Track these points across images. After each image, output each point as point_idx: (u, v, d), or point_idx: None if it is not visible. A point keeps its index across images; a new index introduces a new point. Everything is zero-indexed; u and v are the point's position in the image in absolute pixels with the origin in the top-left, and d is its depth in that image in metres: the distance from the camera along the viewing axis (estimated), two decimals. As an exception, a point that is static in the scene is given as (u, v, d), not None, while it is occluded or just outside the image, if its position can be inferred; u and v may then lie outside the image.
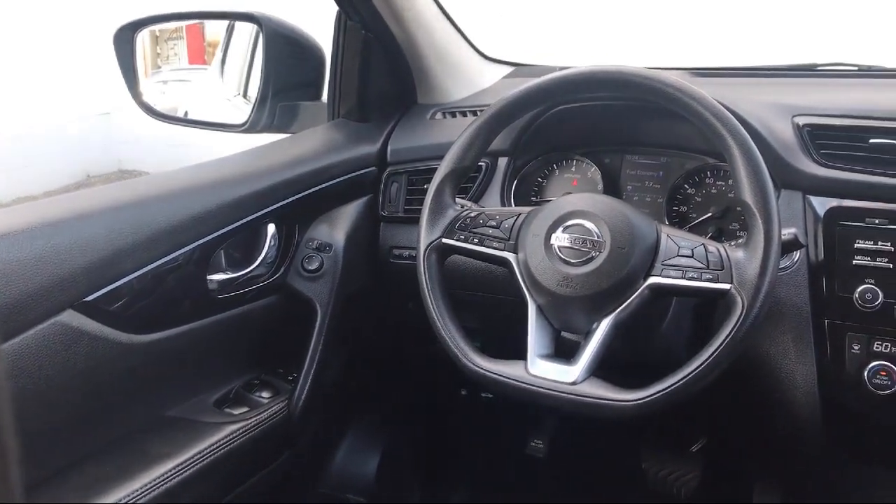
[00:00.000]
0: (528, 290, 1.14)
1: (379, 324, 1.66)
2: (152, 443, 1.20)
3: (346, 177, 1.49)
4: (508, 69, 1.79)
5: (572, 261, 1.09)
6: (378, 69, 1.59)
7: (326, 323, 1.43)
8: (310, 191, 1.42)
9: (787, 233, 1.08)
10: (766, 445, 1.57)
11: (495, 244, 1.17)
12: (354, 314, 1.51)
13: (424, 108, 1.64)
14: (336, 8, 1.56)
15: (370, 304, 1.57)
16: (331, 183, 1.46)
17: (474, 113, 1.55)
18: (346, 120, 1.63)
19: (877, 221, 1.18)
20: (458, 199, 1.26)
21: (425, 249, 1.20)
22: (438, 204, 1.21)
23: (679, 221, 1.40)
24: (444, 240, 1.19)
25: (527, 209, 1.20)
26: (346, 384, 1.59)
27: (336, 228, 1.47)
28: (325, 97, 1.69)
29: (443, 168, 1.22)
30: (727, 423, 1.64)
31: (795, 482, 1.54)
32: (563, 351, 1.13)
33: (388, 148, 1.55)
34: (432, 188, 1.22)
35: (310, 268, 1.43)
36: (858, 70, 1.57)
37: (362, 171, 1.52)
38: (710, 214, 1.36)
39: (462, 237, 1.19)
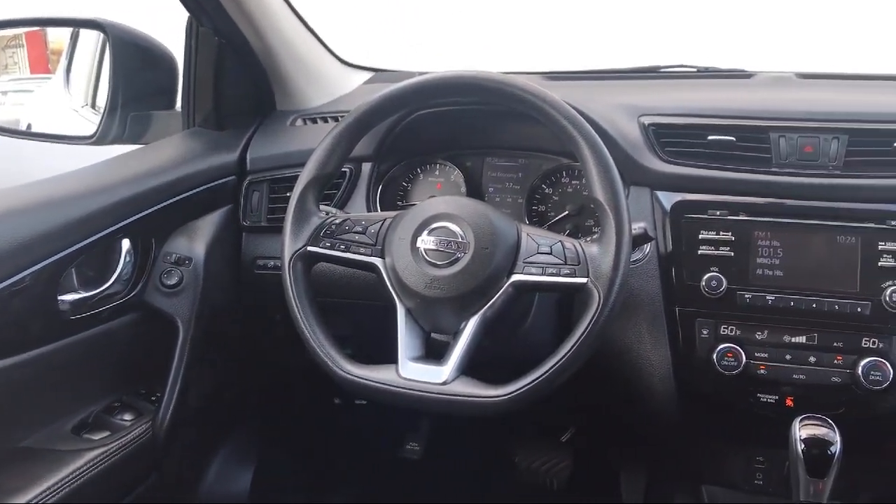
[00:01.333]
0: (396, 293, 1.14)
1: (247, 336, 1.62)
2: (3, 478, 1.12)
3: (203, 187, 1.45)
4: (368, 75, 1.79)
5: (438, 263, 1.11)
6: (233, 76, 1.56)
7: (190, 339, 1.39)
8: (165, 203, 1.37)
9: (637, 227, 1.14)
10: (630, 431, 1.64)
11: (362, 250, 1.17)
12: (220, 328, 1.47)
13: (284, 114, 1.62)
14: (187, 13, 1.51)
15: (236, 317, 1.53)
16: (188, 194, 1.42)
17: (335, 119, 1.54)
18: (201, 129, 1.58)
19: (718, 213, 1.27)
20: (322, 206, 1.25)
21: (290, 258, 1.18)
22: (302, 212, 1.20)
23: (539, 220, 1.44)
24: (310, 248, 1.18)
25: (392, 214, 1.20)
26: (215, 400, 1.54)
27: (195, 241, 1.42)
28: (178, 105, 1.64)
29: (305, 175, 1.21)
30: (593, 412, 1.71)
31: (658, 464, 1.62)
32: (434, 352, 1.15)
33: (248, 156, 1.52)
34: (295, 196, 1.20)
35: (169, 283, 1.38)
36: (698, 71, 1.67)
37: (221, 181, 1.48)
38: (567, 213, 1.42)
39: (328, 244, 1.18)
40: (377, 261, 1.16)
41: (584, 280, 1.08)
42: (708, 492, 1.43)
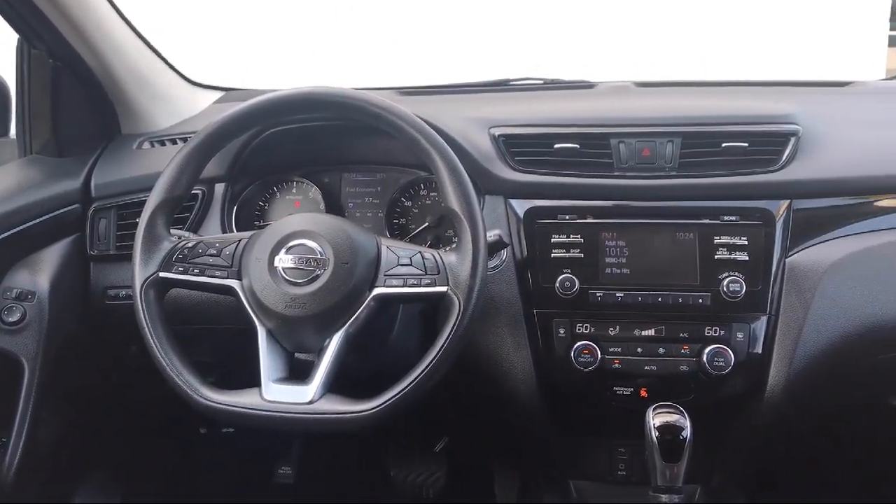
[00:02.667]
0: (255, 315, 1.12)
1: (101, 371, 1.54)
2: None
3: (44, 217, 1.37)
4: (218, 94, 1.75)
5: (298, 281, 1.10)
6: (72, 99, 1.48)
7: (37, 378, 1.31)
8: (2, 235, 1.29)
9: (493, 234, 1.18)
10: (500, 434, 1.68)
11: (217, 273, 1.15)
12: (70, 365, 1.39)
13: (129, 138, 1.56)
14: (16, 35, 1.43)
15: (88, 351, 1.45)
16: (27, 225, 1.34)
17: (184, 140, 1.50)
18: (40, 156, 1.50)
19: (567, 217, 1.32)
20: (173, 231, 1.21)
21: (141, 286, 1.13)
22: (151, 237, 1.16)
23: (400, 233, 1.46)
24: (162, 274, 1.14)
25: (247, 234, 1.18)
26: (69, 441, 1.46)
27: (38, 274, 1.35)
28: (13, 132, 1.54)
29: (153, 199, 1.17)
30: (463, 419, 1.73)
31: (529, 464, 1.66)
32: (299, 372, 1.13)
33: (92, 182, 1.45)
34: (143, 221, 1.16)
35: (10, 320, 1.30)
36: (544, 83, 1.74)
37: (64, 210, 1.41)
38: (427, 224, 1.44)
39: (181, 269, 1.14)
40: (234, 283, 1.14)
41: (444, 289, 1.10)
42: (576, 487, 1.48)
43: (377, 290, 1.11)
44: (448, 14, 4.33)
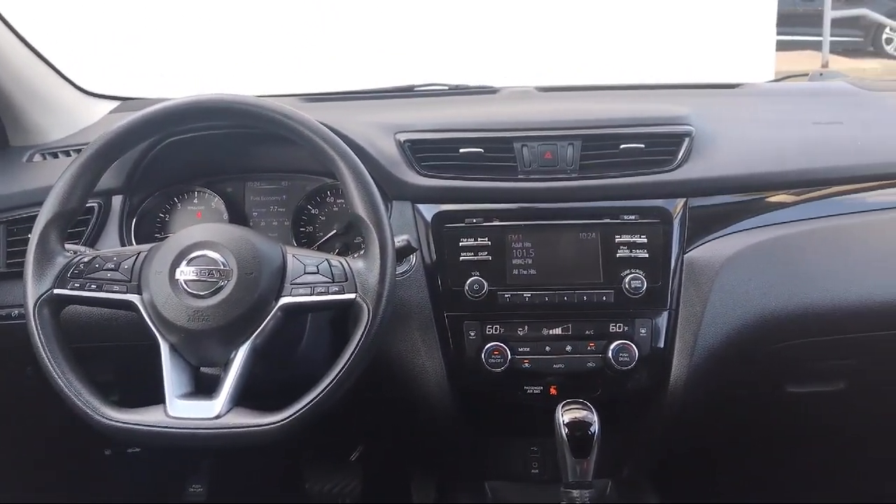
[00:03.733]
0: (157, 330, 1.09)
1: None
2: None
3: None
4: (114, 104, 1.70)
5: (201, 293, 1.07)
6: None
7: None
8: None
9: (401, 240, 1.18)
10: (415, 439, 1.68)
11: (116, 288, 1.11)
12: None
13: (19, 150, 1.49)
14: None
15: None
16: None
17: (77, 151, 1.44)
18: (-81, 172, 1.42)
19: (475, 221, 1.34)
20: (69, 246, 1.16)
21: (35, 304, 1.09)
22: (44, 252, 1.11)
23: (308, 241, 1.44)
24: (56, 290, 1.10)
25: (147, 247, 1.15)
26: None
27: None
28: None
29: (44, 213, 1.12)
30: (378, 426, 1.73)
31: (444, 468, 1.67)
32: (205, 387, 1.11)
33: None
34: (35, 236, 1.11)
35: None
36: (449, 89, 1.76)
37: None
38: (335, 231, 1.43)
39: (77, 285, 1.10)
40: (134, 297, 1.10)
41: (352, 296, 1.09)
42: (491, 487, 1.50)
43: (284, 300, 1.10)
44: (357, 20, 4.32)
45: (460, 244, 1.33)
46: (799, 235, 1.37)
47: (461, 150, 1.36)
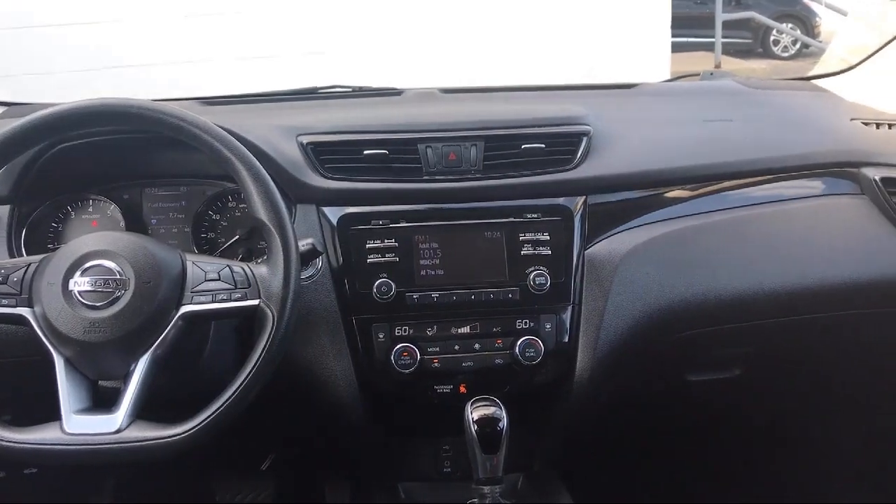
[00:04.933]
0: (51, 344, 1.05)
1: None
2: None
3: None
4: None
5: (97, 304, 1.04)
6: None
7: None
8: None
9: (305, 243, 1.16)
10: (327, 444, 1.67)
11: (5, 301, 1.06)
12: None
13: None
14: None
15: None
16: None
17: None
18: None
19: (381, 223, 1.33)
20: None
21: None
22: None
23: (210, 248, 1.41)
24: None
25: (37, 258, 1.10)
26: None
27: None
28: None
29: None
30: (289, 434, 1.71)
31: (358, 471, 1.66)
32: (104, 400, 1.07)
33: None
34: None
35: None
36: (353, 91, 1.75)
37: None
38: (237, 237, 1.40)
39: None
40: (24, 311, 1.06)
41: (255, 302, 1.08)
42: (404, 488, 1.50)
43: (185, 309, 1.07)
44: (261, 21, 4.26)
45: (367, 246, 1.32)
46: (693, 229, 1.42)
47: (365, 152, 1.36)
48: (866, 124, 1.60)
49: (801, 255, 1.44)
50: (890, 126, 1.60)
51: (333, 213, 1.34)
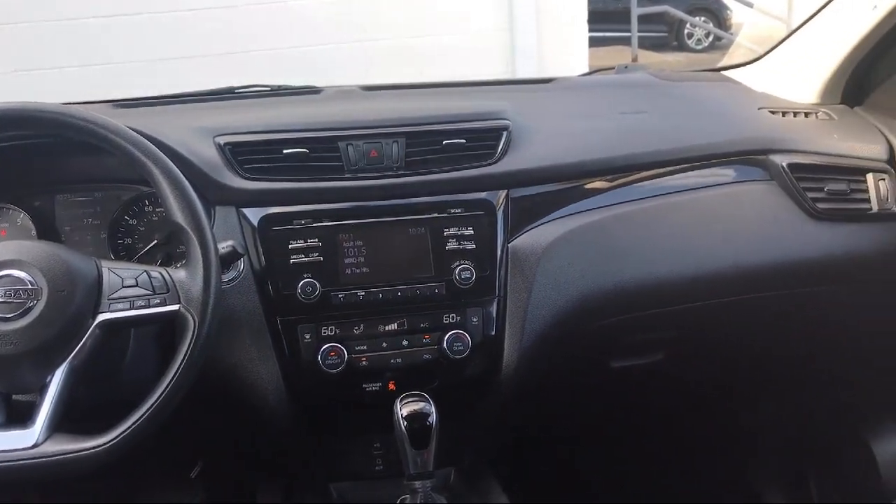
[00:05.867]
0: None
1: None
2: None
3: None
4: None
5: (7, 315, 1.00)
6: None
7: None
8: None
9: (225, 246, 1.15)
10: (257, 449, 1.65)
11: None
12: None
13: None
14: None
15: None
16: None
17: None
18: None
19: (304, 222, 1.32)
20: None
21: None
22: None
23: (127, 254, 1.38)
24: None
25: None
26: None
27: None
28: None
29: None
30: (218, 440, 1.68)
31: (289, 473, 1.64)
32: (19, 415, 1.03)
33: None
34: None
35: None
36: (271, 90, 1.72)
37: None
38: (156, 242, 1.37)
39: None
40: None
41: (175, 307, 1.06)
42: (336, 489, 1.49)
43: (102, 317, 1.05)
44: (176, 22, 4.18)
45: (290, 246, 1.31)
46: (613, 219, 1.46)
47: (285, 151, 1.34)
48: (773, 113, 1.66)
49: (715, 240, 1.49)
50: (795, 114, 1.67)
51: (254, 214, 1.32)
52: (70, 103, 1.19)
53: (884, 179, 1.53)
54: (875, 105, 1.68)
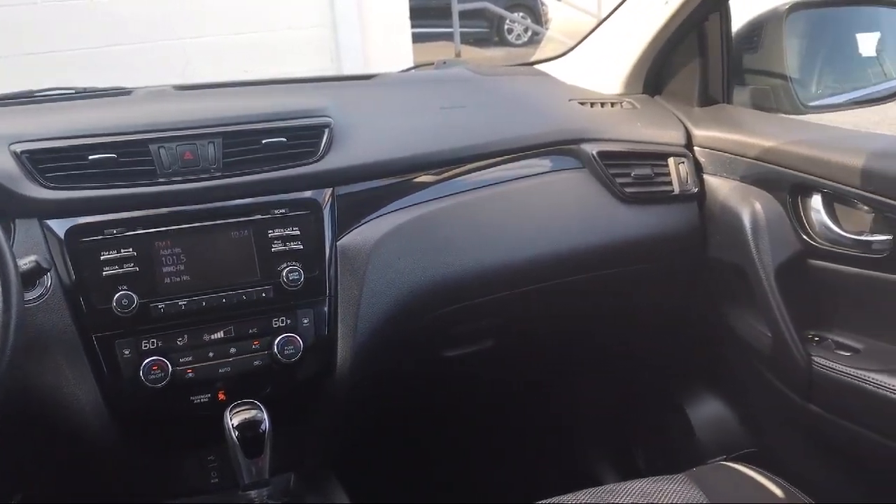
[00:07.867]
0: None
1: None
2: None
3: None
4: None
5: None
6: None
7: None
8: None
9: (27, 262, 1.07)
10: (81, 473, 1.54)
11: None
12: None
13: None
14: None
15: None
16: None
17: None
18: None
19: (115, 231, 1.25)
20: None
21: None
22: None
23: None
24: None
25: None
26: None
27: None
28: None
29: None
30: (37, 468, 1.56)
31: (121, 495, 1.55)
32: None
33: None
34: None
35: None
36: (76, 93, 1.61)
37: None
38: None
39: None
40: None
41: None
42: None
43: None
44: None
45: (101, 258, 1.23)
46: (439, 212, 1.48)
47: (90, 157, 1.26)
48: (582, 104, 1.75)
49: (534, 227, 1.55)
50: (602, 105, 1.77)
51: (60, 226, 1.23)
52: None
53: (683, 163, 1.65)
54: (672, 94, 1.81)
